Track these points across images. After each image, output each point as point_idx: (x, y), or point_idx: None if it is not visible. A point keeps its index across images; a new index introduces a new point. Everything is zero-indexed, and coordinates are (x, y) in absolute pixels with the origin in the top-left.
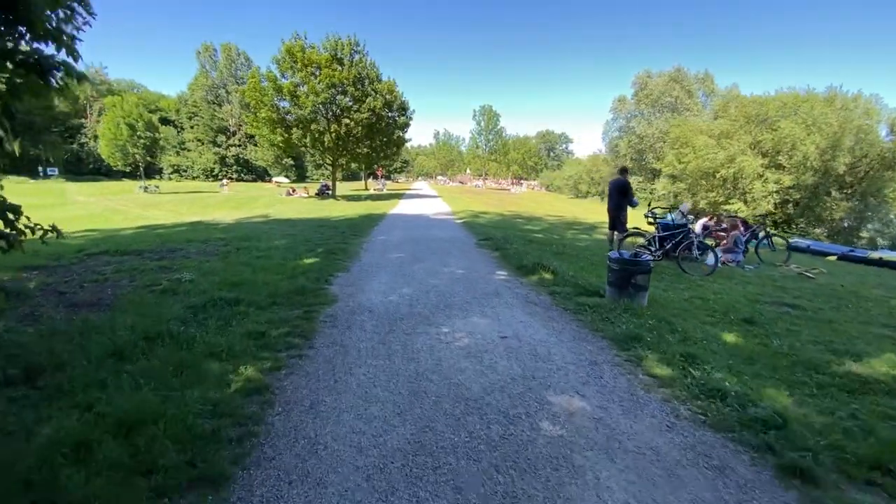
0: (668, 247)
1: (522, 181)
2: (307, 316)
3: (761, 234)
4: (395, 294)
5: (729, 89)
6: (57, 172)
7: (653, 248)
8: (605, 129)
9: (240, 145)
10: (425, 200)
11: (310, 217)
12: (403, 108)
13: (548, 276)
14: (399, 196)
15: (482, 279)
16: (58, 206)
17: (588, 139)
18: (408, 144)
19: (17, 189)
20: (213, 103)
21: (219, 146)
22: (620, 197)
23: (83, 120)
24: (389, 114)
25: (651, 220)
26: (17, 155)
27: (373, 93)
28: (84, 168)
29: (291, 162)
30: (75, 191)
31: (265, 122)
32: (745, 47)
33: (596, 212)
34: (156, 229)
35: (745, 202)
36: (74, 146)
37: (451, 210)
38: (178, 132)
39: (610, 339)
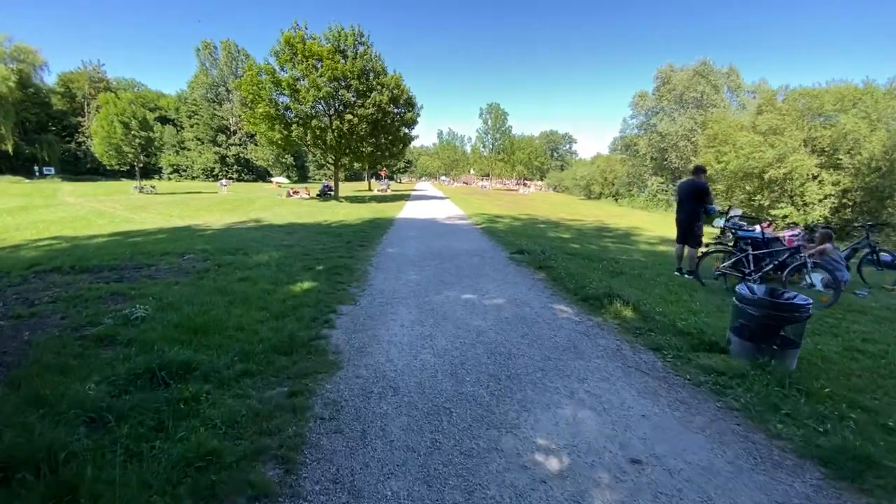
0: (766, 268)
1: (527, 182)
2: (294, 404)
3: (864, 249)
4: (427, 350)
5: (757, 84)
6: (53, 172)
7: (746, 270)
8: (624, 126)
9: (240, 145)
10: (433, 202)
11: (310, 222)
12: (410, 104)
13: (628, 312)
14: (405, 197)
15: (542, 319)
16: (42, 208)
17: (589, 140)
18: (411, 144)
19: (7, 189)
20: (214, 102)
21: (219, 145)
22: (695, 203)
23: (80, 118)
24: (395, 109)
25: (732, 231)
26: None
27: (378, 87)
28: (81, 167)
29: (293, 162)
30: (68, 191)
31: (263, 119)
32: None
33: (618, 215)
34: (132, 236)
35: (796, 206)
36: (72, 145)
37: (465, 213)
38: (178, 131)
39: (817, 461)
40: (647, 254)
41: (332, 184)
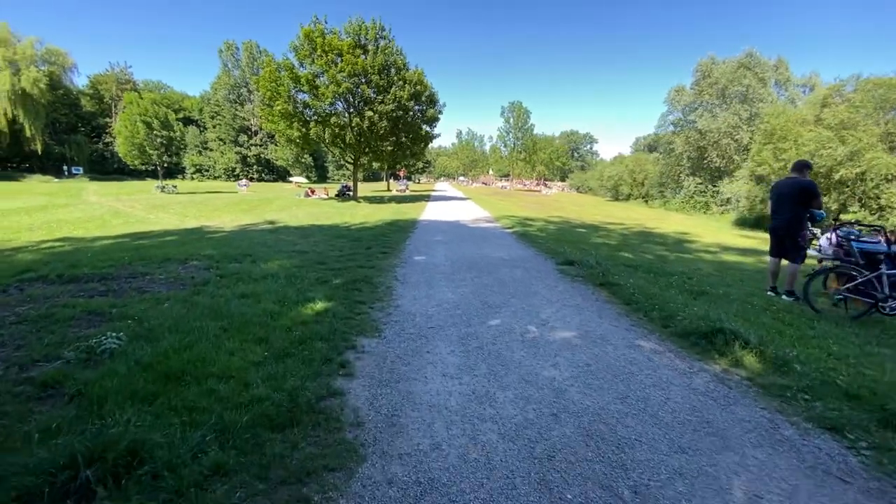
0: None
1: (548, 182)
2: None
3: None
4: (489, 425)
5: (808, 77)
6: (81, 171)
7: (879, 295)
8: (660, 122)
9: (261, 145)
10: (455, 203)
11: (327, 224)
12: (432, 101)
13: (752, 358)
14: (425, 198)
15: (637, 367)
16: (61, 208)
17: (609, 141)
18: (431, 144)
19: (35, 188)
20: (235, 102)
21: (240, 146)
22: (799, 207)
23: (108, 119)
24: (416, 106)
25: (843, 242)
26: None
27: (399, 82)
28: (108, 167)
29: (312, 162)
30: (93, 190)
31: (281, 116)
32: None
33: (655, 218)
34: (140, 238)
35: (869, 210)
36: (99, 145)
37: (491, 215)
38: (201, 132)
39: None
40: (715, 266)
41: (350, 184)
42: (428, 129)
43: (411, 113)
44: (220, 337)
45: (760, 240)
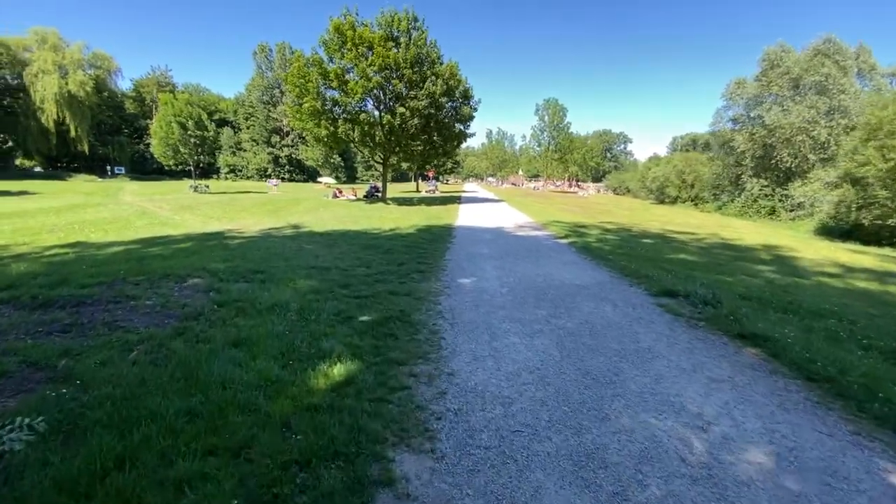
0: None
1: (581, 183)
2: None
3: None
4: None
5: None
6: (124, 171)
7: None
8: (715, 118)
9: (292, 145)
10: (490, 206)
11: (354, 230)
12: (466, 97)
13: None
14: (455, 200)
15: None
16: (92, 207)
17: (643, 141)
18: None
19: (78, 187)
20: (268, 104)
21: (272, 146)
22: None
23: (148, 121)
24: (450, 103)
25: None
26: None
27: (432, 77)
28: (148, 167)
29: (341, 162)
30: (130, 190)
31: (310, 114)
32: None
33: (722, 225)
34: (154, 244)
35: None
36: (140, 146)
37: (536, 221)
38: (235, 132)
39: None
40: (858, 297)
41: (379, 185)
42: (462, 127)
43: (444, 110)
44: (177, 438)
45: (880, 257)
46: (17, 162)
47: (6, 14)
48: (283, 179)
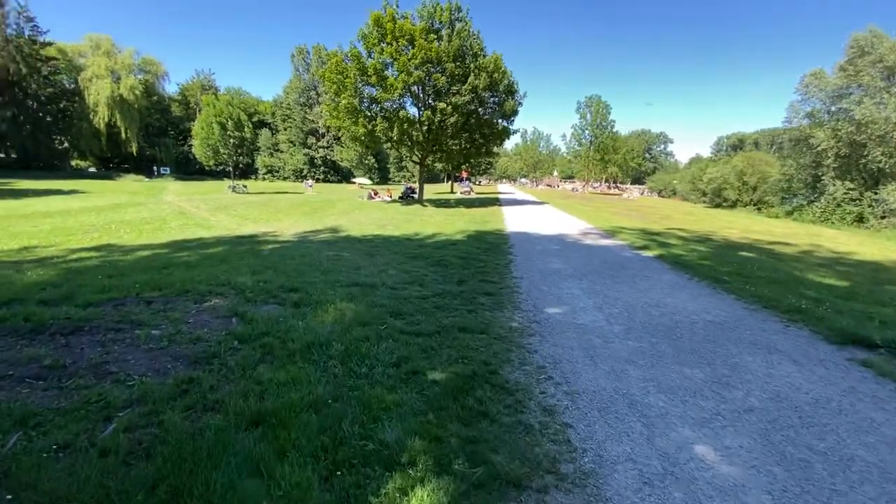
0: None
1: (621, 185)
2: None
3: None
4: None
5: None
6: (169, 171)
7: None
8: (791, 113)
9: (328, 147)
10: (534, 209)
11: (396, 235)
12: (511, 91)
13: None
14: (493, 202)
15: None
16: (133, 207)
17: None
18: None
19: (125, 187)
20: (305, 105)
21: (308, 147)
22: None
23: (192, 123)
24: (493, 97)
25: None
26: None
27: (475, 70)
28: (192, 168)
29: (375, 163)
30: (172, 189)
31: (347, 112)
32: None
33: (811, 234)
34: (182, 249)
35: None
36: (185, 147)
37: (597, 227)
38: (273, 134)
39: None
40: None
41: (414, 186)
42: (505, 123)
43: (488, 105)
44: None
45: None
46: (73, 163)
47: (61, 22)
48: (317, 180)
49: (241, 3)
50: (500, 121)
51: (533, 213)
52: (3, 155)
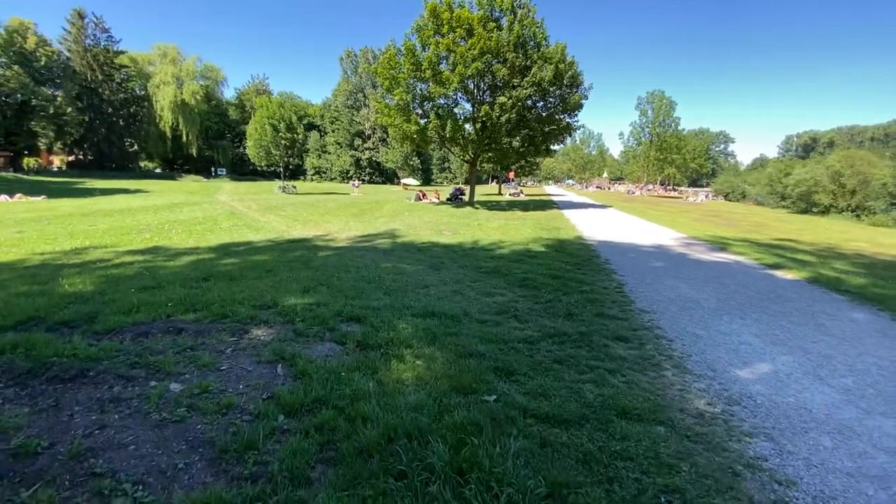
0: None
1: (678, 187)
2: None
3: None
4: None
5: None
6: (225, 172)
7: None
8: None
9: (373, 148)
10: (600, 213)
11: (457, 243)
12: (575, 83)
13: None
14: (549, 205)
15: None
16: (188, 206)
17: (744, 141)
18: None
19: (185, 187)
20: (352, 108)
21: (355, 149)
22: None
23: (246, 126)
24: (557, 91)
25: None
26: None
27: (538, 61)
28: (245, 169)
29: (419, 164)
30: (226, 189)
31: (399, 109)
32: None
33: None
34: (230, 255)
35: None
36: (240, 149)
37: (693, 237)
38: (321, 136)
39: None
40: None
41: (463, 187)
42: (568, 119)
43: (551, 99)
44: None
45: None
46: (141, 164)
47: (129, 31)
48: (363, 181)
49: (295, 10)
50: (562, 116)
51: (601, 218)
52: (80, 156)
